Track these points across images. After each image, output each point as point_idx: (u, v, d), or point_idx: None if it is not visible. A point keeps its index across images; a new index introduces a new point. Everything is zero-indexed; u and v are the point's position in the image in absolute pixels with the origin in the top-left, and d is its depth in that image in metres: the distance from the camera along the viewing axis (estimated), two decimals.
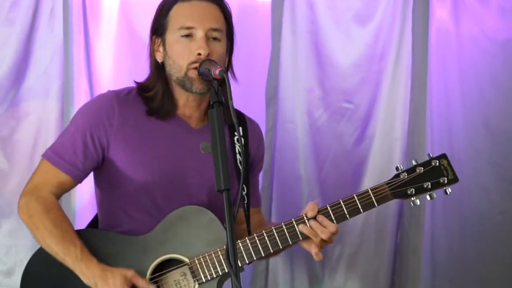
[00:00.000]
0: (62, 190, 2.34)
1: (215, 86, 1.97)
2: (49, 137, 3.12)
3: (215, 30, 2.27)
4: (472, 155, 3.27)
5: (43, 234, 2.25)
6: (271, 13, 3.21)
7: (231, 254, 1.78)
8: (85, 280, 2.20)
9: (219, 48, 2.29)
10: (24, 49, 3.12)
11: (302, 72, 3.26)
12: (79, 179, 2.33)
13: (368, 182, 3.27)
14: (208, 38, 2.26)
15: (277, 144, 3.25)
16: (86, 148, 2.28)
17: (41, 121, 3.15)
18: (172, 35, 2.28)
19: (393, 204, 3.23)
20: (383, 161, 3.27)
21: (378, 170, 3.27)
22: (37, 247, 3.07)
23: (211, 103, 1.94)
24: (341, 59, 3.27)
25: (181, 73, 2.26)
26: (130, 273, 2.20)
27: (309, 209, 2.23)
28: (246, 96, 2.48)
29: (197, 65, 2.21)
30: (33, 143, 3.15)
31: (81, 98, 3.11)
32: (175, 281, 2.26)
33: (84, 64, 3.12)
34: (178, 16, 2.29)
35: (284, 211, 3.25)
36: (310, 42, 3.25)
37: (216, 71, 2.06)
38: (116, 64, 3.17)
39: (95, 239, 2.28)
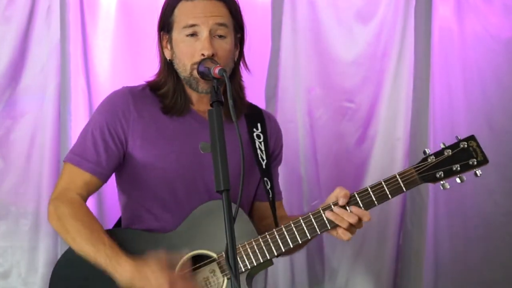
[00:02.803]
0: (88, 191, 2.33)
1: (215, 85, 1.96)
2: (46, 137, 3.10)
3: (220, 25, 2.28)
4: None
5: (73, 236, 2.23)
6: (271, 10, 3.19)
7: (231, 255, 1.77)
8: (120, 278, 2.15)
9: (225, 45, 2.29)
10: (21, 48, 3.08)
11: (303, 71, 3.23)
12: (104, 178, 2.34)
13: (370, 183, 3.22)
14: (213, 37, 2.26)
15: None
16: (106, 145, 2.30)
17: (37, 120, 3.12)
18: (178, 34, 2.30)
19: (395, 205, 3.22)
20: (385, 161, 3.25)
21: (380, 170, 3.24)
22: (34, 248, 3.09)
23: (210, 102, 1.93)
24: (343, 58, 3.24)
25: (186, 72, 2.29)
26: (162, 254, 2.15)
27: (341, 196, 2.21)
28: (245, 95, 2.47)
29: None
30: (30, 142, 3.11)
31: (78, 97, 3.08)
32: (204, 278, 2.24)
33: (82, 63, 3.09)
34: (182, 14, 2.29)
35: None
36: (310, 41, 3.23)
37: (216, 70, 2.06)
38: (114, 62, 3.13)
39: (121, 238, 2.25)
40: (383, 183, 2.22)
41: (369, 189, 2.23)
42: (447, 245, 3.29)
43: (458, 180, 2.22)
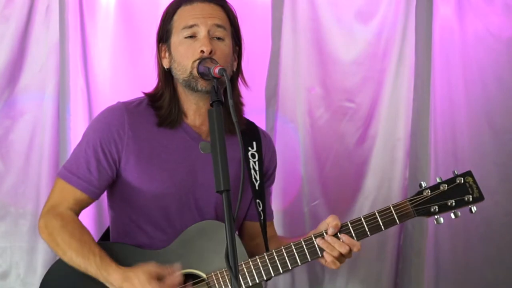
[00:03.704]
0: (80, 207, 2.33)
1: (215, 85, 1.95)
2: (45, 137, 3.10)
3: (218, 26, 2.27)
4: (477, 155, 3.24)
5: (63, 249, 2.23)
6: (271, 10, 3.18)
7: (231, 256, 1.75)
8: (111, 287, 2.18)
9: (223, 47, 2.28)
10: (19, 47, 3.07)
11: (303, 71, 3.22)
12: (95, 196, 2.33)
13: (371, 183, 3.24)
14: (211, 38, 2.26)
15: (278, 145, 3.19)
16: (99, 164, 2.28)
17: (36, 120, 3.11)
18: (176, 37, 2.29)
19: None
20: (385, 161, 3.24)
21: (380, 170, 3.24)
22: (33, 249, 3.09)
23: (210, 102, 1.91)
24: (343, 57, 3.23)
25: (185, 73, 2.26)
26: (152, 267, 2.16)
27: (331, 226, 2.21)
28: (245, 96, 2.45)
29: None
30: (29, 143, 3.11)
31: (77, 97, 3.08)
32: None
33: (81, 62, 3.08)
34: (181, 18, 2.29)
35: (285, 213, 3.21)
36: (311, 40, 3.22)
37: (216, 70, 2.05)
38: (113, 62, 3.12)
39: (113, 253, 2.24)
40: (377, 214, 2.21)
41: (362, 219, 2.21)
42: (448, 245, 3.28)
43: (452, 215, 2.22)
